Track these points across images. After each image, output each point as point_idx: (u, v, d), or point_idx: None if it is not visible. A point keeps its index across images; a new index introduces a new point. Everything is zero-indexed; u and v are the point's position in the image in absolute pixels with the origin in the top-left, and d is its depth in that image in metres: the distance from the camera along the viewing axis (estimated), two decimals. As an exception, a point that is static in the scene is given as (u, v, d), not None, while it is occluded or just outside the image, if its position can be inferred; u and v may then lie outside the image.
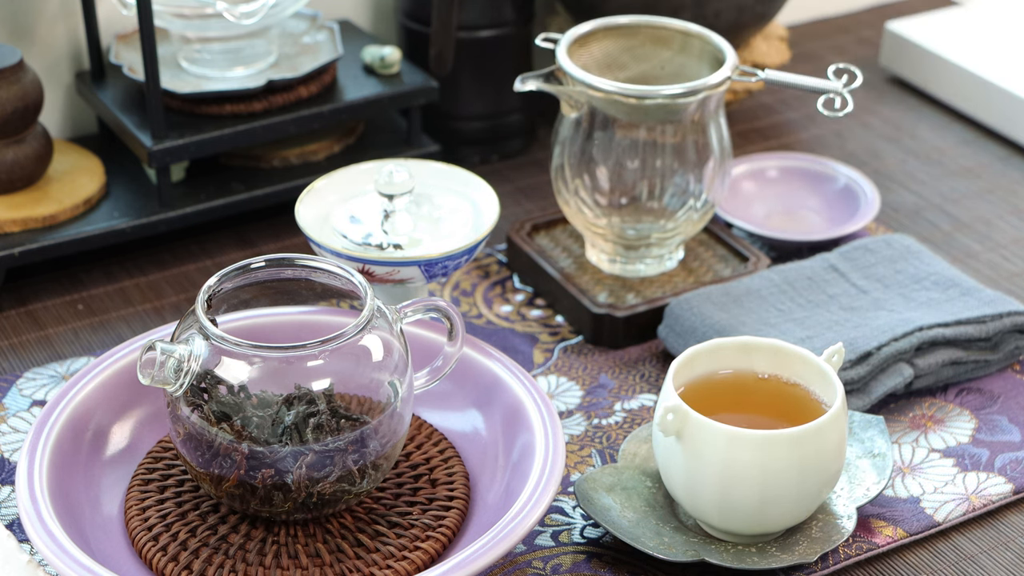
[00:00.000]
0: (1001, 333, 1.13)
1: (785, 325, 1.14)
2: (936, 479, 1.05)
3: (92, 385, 1.03)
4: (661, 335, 1.16)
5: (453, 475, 1.02)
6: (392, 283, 1.08)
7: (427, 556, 0.96)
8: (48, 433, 0.99)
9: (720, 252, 1.26)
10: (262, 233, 1.32)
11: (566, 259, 1.25)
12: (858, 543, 1.00)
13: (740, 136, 1.46)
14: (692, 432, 0.95)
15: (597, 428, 1.10)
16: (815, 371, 0.99)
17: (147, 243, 1.30)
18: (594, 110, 1.16)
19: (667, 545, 0.97)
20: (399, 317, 0.98)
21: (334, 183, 1.13)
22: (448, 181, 1.14)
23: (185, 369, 0.93)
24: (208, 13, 1.25)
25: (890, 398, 1.12)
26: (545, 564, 0.98)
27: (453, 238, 1.09)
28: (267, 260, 0.99)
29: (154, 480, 1.01)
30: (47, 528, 0.92)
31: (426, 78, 1.34)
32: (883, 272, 1.19)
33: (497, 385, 1.05)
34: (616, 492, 1.00)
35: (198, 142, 1.26)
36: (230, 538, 0.96)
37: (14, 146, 1.23)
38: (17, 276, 1.25)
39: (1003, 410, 1.11)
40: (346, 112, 1.31)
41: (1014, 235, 1.32)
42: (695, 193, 1.18)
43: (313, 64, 1.31)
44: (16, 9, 1.32)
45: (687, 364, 1.00)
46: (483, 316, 1.21)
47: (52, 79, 1.35)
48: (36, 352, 1.18)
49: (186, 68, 1.30)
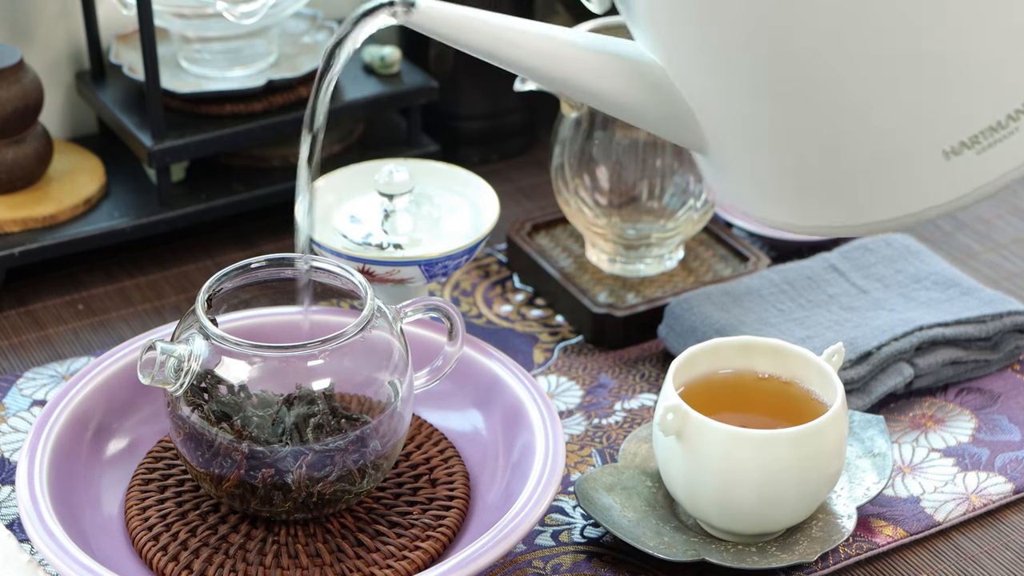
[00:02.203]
0: (1001, 333, 1.13)
1: (785, 325, 1.14)
2: (936, 479, 1.05)
3: (92, 385, 1.03)
4: (661, 335, 1.16)
5: (453, 475, 1.02)
6: (392, 283, 1.08)
7: (427, 556, 0.96)
8: (48, 433, 0.99)
9: (720, 252, 1.26)
10: (262, 233, 1.32)
11: (566, 259, 1.25)
12: (858, 543, 1.00)
13: (740, 136, 1.46)
14: (692, 432, 0.95)
15: (597, 428, 1.10)
16: (815, 371, 0.99)
17: (147, 243, 1.30)
18: (594, 110, 1.16)
19: (667, 545, 0.97)
20: (399, 317, 0.98)
21: (334, 183, 1.13)
22: (448, 181, 1.14)
23: (185, 369, 0.93)
24: (208, 13, 1.25)
25: (890, 398, 1.12)
26: (545, 564, 0.98)
27: (453, 238, 1.09)
28: (267, 260, 0.99)
29: (154, 480, 1.01)
30: (47, 528, 0.92)
31: (426, 78, 1.34)
32: (883, 272, 1.19)
33: (497, 385, 1.05)
34: (616, 492, 1.00)
35: (198, 142, 1.26)
36: (230, 538, 0.96)
37: (14, 146, 1.23)
38: (17, 276, 1.25)
39: (1003, 410, 1.11)
40: (346, 112, 1.31)
41: (1014, 235, 1.32)
42: (695, 193, 1.18)
43: (313, 64, 1.31)
44: (16, 9, 1.32)
45: (687, 364, 1.00)
46: (483, 316, 1.21)
47: (52, 79, 1.35)
48: (36, 352, 1.18)
49: (186, 68, 1.30)
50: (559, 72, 0.89)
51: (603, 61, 0.89)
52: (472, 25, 0.89)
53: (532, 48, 0.89)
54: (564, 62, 0.89)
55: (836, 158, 0.86)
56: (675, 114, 0.89)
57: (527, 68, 0.90)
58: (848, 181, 0.87)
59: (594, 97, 0.91)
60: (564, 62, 0.89)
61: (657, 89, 0.89)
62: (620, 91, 0.89)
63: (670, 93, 0.89)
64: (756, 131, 0.87)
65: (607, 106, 0.91)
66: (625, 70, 0.89)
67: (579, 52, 0.89)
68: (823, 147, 0.86)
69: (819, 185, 0.88)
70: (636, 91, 0.89)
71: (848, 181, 0.87)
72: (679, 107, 0.89)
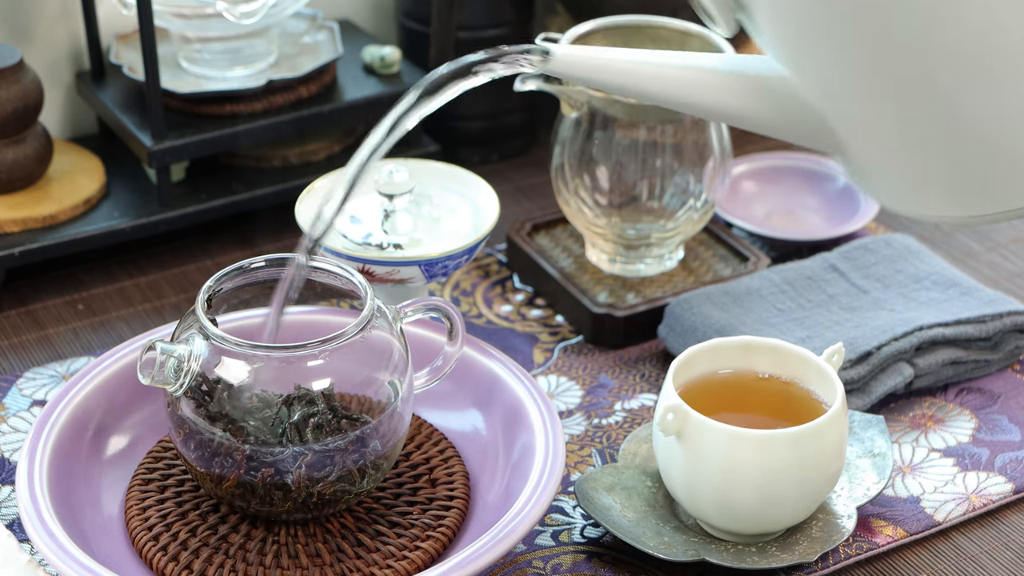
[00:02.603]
0: (1001, 333, 1.13)
1: (785, 325, 1.14)
2: (936, 479, 1.05)
3: (92, 385, 1.03)
4: (661, 335, 1.16)
5: (453, 475, 1.02)
6: (392, 283, 1.08)
7: (427, 556, 0.96)
8: (48, 433, 0.99)
9: (720, 252, 1.26)
10: (262, 233, 1.31)
11: (566, 259, 1.25)
12: (858, 543, 1.00)
13: (740, 136, 1.46)
14: (692, 432, 0.95)
15: (597, 428, 1.10)
16: (815, 371, 0.99)
17: (147, 243, 1.30)
18: (594, 110, 1.16)
19: (667, 545, 0.97)
20: (399, 317, 0.98)
21: (334, 183, 1.13)
22: (448, 181, 1.14)
23: (185, 369, 0.93)
24: (208, 13, 1.25)
25: (890, 398, 1.12)
26: (545, 564, 0.98)
27: (453, 238, 1.09)
28: (267, 260, 0.99)
29: (154, 480, 1.01)
30: (47, 528, 0.92)
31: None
32: (883, 272, 1.19)
33: (497, 385, 1.05)
34: (616, 492, 1.00)
35: (198, 142, 1.26)
36: (230, 538, 0.96)
37: (14, 146, 1.23)
38: (17, 276, 1.25)
39: (1003, 410, 1.11)
40: (346, 112, 1.31)
41: (1014, 235, 1.32)
42: (695, 193, 1.18)
43: (313, 64, 1.31)
44: (16, 9, 1.32)
45: (687, 364, 1.00)
46: (483, 316, 1.21)
47: (52, 79, 1.35)
48: (36, 352, 1.18)
49: (186, 68, 1.30)
50: (697, 99, 0.92)
51: (736, 82, 0.91)
52: (607, 66, 0.91)
53: (668, 79, 0.91)
54: (700, 89, 0.92)
55: (995, 151, 0.86)
56: (811, 123, 0.91)
57: (664, 99, 0.92)
58: (1008, 168, 0.87)
59: (730, 117, 0.93)
60: (700, 89, 0.92)
61: (790, 101, 0.91)
62: (757, 109, 0.92)
63: (804, 104, 0.90)
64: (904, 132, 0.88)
65: (742, 123, 0.93)
66: (758, 88, 0.91)
67: (713, 77, 0.91)
68: (983, 143, 0.86)
69: (978, 179, 0.88)
70: (770, 106, 0.91)
71: (1008, 168, 0.87)
72: (814, 116, 0.90)
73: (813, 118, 0.90)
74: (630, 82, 0.91)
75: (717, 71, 0.91)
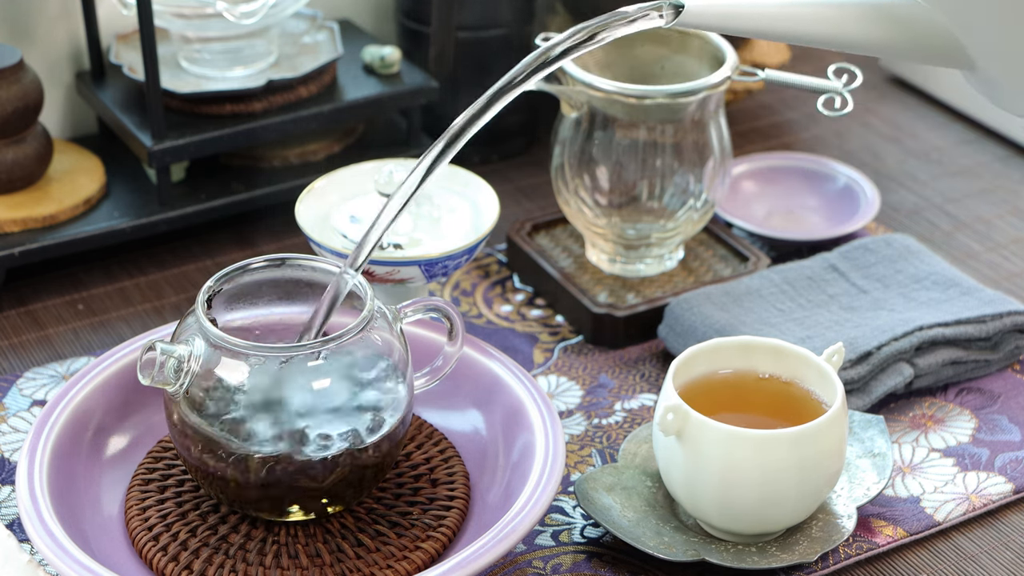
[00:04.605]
0: (1001, 333, 1.13)
1: (785, 325, 1.14)
2: (936, 479, 1.05)
3: (92, 385, 1.03)
4: (661, 335, 1.16)
5: (453, 475, 1.02)
6: (392, 283, 1.08)
7: (427, 556, 0.96)
8: (48, 433, 0.99)
9: (720, 252, 1.26)
10: (262, 233, 1.32)
11: (566, 259, 1.25)
12: (858, 543, 1.00)
13: (740, 136, 1.46)
14: (692, 432, 0.95)
15: (597, 428, 1.10)
16: (815, 371, 0.99)
17: (147, 243, 1.30)
18: (594, 110, 1.16)
19: (667, 545, 0.97)
20: (399, 317, 0.98)
21: (334, 183, 1.13)
22: (448, 181, 1.14)
23: (185, 369, 0.93)
24: (208, 13, 1.25)
25: (890, 398, 1.12)
26: (545, 564, 0.98)
27: (453, 238, 1.09)
28: (267, 260, 0.99)
29: (154, 480, 1.01)
30: (47, 528, 0.92)
31: (426, 78, 1.34)
32: (883, 272, 1.19)
33: (497, 385, 1.05)
34: (616, 492, 1.01)
35: (198, 142, 1.26)
36: (230, 538, 0.96)
37: (14, 146, 1.23)
38: (17, 276, 1.25)
39: (1003, 410, 1.11)
40: (346, 112, 1.31)
41: (1014, 235, 1.32)
42: (695, 193, 1.18)
43: (313, 64, 1.31)
44: (16, 9, 1.32)
45: (687, 364, 1.00)
46: (483, 316, 1.21)
47: (52, 79, 1.35)
48: (36, 352, 1.18)
49: (186, 68, 1.30)
50: (827, 34, 0.94)
51: (863, 12, 0.93)
52: (737, 12, 0.93)
53: (797, 17, 0.93)
54: (829, 24, 0.93)
55: None
56: (942, 45, 0.93)
57: (796, 37, 0.94)
58: None
59: (862, 47, 0.95)
60: (829, 24, 0.93)
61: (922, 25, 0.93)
62: (887, 37, 0.94)
63: (935, 25, 0.92)
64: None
65: (871, 51, 0.96)
66: (888, 16, 0.93)
67: (842, 11, 0.93)
68: None
69: None
70: (900, 32, 0.93)
71: None
72: (946, 37, 0.92)
73: (945, 39, 0.92)
74: (764, 25, 0.93)
75: (845, 4, 0.93)
